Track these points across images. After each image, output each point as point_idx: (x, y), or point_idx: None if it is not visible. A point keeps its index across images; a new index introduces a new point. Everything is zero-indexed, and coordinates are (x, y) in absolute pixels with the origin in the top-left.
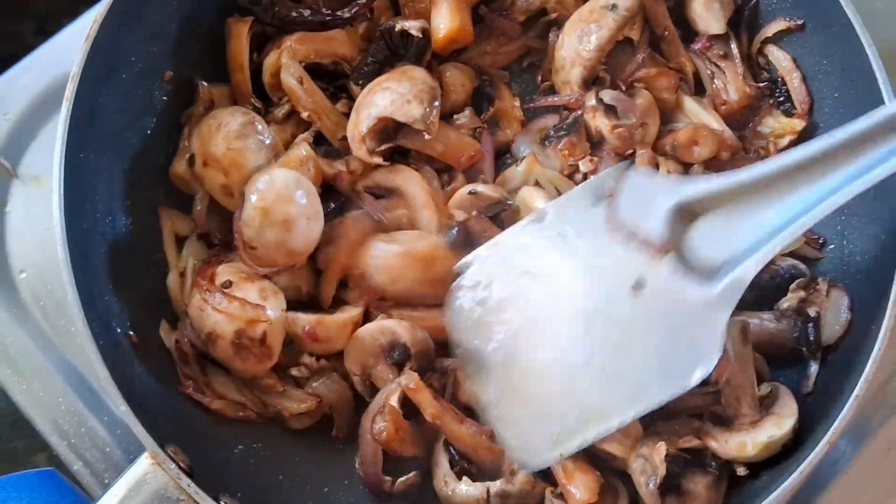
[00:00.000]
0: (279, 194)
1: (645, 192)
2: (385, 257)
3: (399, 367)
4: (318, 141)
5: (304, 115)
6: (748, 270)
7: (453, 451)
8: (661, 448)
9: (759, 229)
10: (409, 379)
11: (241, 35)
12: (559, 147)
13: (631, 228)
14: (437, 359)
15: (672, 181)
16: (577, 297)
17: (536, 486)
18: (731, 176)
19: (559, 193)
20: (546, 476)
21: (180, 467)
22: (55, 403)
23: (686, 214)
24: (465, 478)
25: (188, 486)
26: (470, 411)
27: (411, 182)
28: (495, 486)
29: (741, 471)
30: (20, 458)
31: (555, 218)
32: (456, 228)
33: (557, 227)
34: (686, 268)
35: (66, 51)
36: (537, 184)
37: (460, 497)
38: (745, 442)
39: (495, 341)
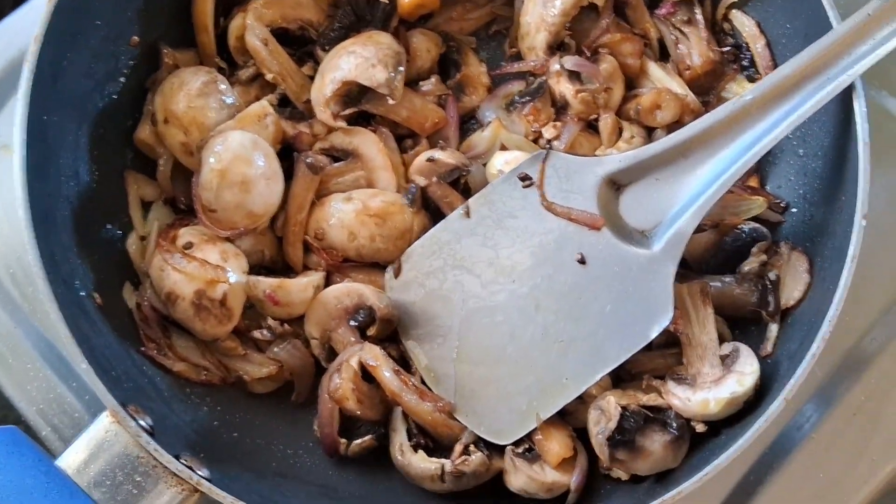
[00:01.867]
0: (236, 155)
1: (569, 173)
2: (342, 215)
3: (361, 331)
4: (284, 103)
5: (269, 77)
6: (685, 225)
7: (411, 423)
8: (612, 399)
9: (687, 187)
10: (370, 354)
11: None
12: (524, 112)
13: (564, 209)
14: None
15: (592, 159)
16: (520, 277)
17: (491, 467)
18: (651, 147)
19: None
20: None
21: (140, 426)
22: (24, 370)
23: (614, 186)
24: (420, 451)
25: (147, 443)
26: None
27: (368, 144)
28: (449, 464)
29: (700, 427)
30: None
31: (481, 209)
32: (413, 187)
33: (486, 217)
34: (624, 234)
35: (35, 21)
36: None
37: (415, 470)
38: (708, 399)
39: (440, 335)
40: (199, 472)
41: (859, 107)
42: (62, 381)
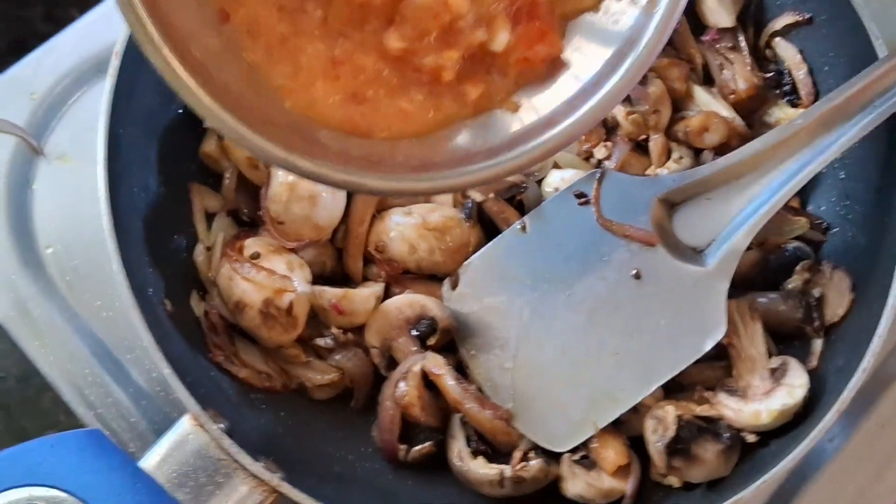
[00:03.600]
0: None
1: (624, 191)
2: (402, 229)
3: (421, 340)
4: None
5: None
6: (737, 243)
7: (470, 430)
8: (670, 410)
9: (739, 207)
10: (433, 363)
11: None
12: None
13: (620, 225)
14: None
15: (647, 179)
16: (576, 292)
17: (550, 473)
18: (704, 168)
19: None
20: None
21: (221, 428)
22: (81, 375)
23: (667, 205)
24: (480, 458)
25: (230, 445)
26: None
27: None
28: (509, 470)
29: (751, 438)
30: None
31: (537, 225)
32: (470, 202)
33: (542, 233)
34: (678, 251)
35: (93, 33)
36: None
37: (474, 476)
38: (760, 411)
39: (497, 346)
40: (277, 474)
41: None
42: (119, 387)
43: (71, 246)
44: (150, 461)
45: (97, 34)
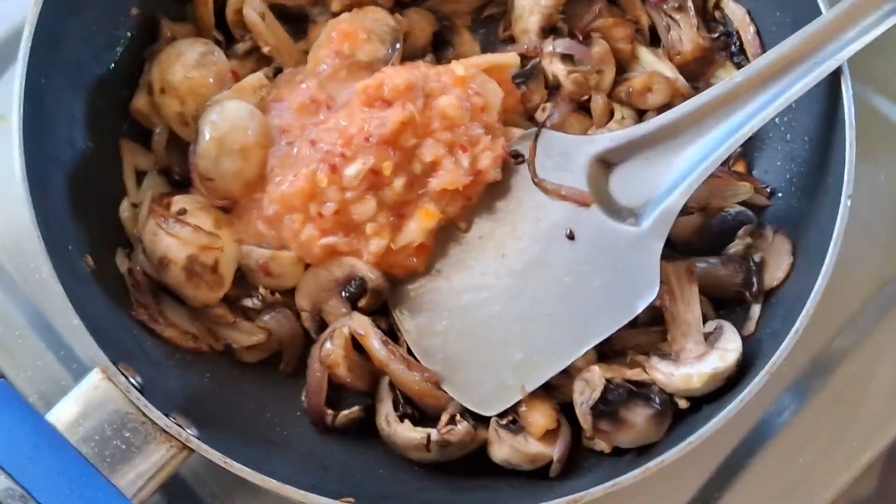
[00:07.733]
0: (234, 125)
1: (561, 150)
2: None
3: (352, 302)
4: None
5: (266, 50)
6: (673, 203)
7: (398, 393)
8: (597, 371)
9: (676, 166)
10: (359, 323)
11: None
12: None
13: (554, 185)
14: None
15: (584, 138)
16: (510, 254)
17: (476, 437)
18: (641, 126)
19: None
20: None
21: (130, 382)
22: (13, 337)
23: (604, 165)
24: (406, 421)
25: (137, 399)
26: None
27: None
28: (435, 433)
29: (683, 403)
30: None
31: None
32: None
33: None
34: (613, 211)
35: None
36: None
37: (400, 439)
38: (691, 374)
39: (429, 309)
40: (189, 431)
41: (846, 89)
42: (50, 350)
43: (6, 209)
44: (56, 414)
45: None
